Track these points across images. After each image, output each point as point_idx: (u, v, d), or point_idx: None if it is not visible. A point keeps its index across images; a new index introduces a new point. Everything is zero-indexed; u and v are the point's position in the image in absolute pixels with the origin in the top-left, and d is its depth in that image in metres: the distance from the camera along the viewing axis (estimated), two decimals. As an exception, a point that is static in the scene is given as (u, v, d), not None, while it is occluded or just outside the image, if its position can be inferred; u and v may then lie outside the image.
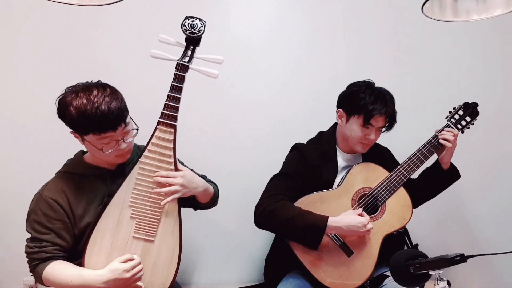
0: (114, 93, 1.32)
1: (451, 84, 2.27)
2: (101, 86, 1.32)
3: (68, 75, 1.45)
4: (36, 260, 1.35)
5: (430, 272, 1.10)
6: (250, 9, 2.13)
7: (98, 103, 1.26)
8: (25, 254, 1.37)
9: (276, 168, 1.76)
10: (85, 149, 1.45)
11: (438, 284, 1.10)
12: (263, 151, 2.13)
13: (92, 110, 1.25)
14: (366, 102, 1.65)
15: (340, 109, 1.74)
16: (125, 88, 1.38)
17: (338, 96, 1.79)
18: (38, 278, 1.35)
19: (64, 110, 1.28)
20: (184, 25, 1.43)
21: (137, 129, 1.40)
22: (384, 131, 1.74)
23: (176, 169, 1.43)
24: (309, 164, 1.72)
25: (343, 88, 1.79)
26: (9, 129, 1.96)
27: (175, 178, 1.40)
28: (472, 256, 1.06)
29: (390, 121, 1.70)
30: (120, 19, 2.01)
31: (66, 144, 1.48)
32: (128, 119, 1.35)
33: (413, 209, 1.71)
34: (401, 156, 1.81)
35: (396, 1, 2.22)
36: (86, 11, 1.95)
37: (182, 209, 1.46)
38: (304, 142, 1.86)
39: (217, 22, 2.04)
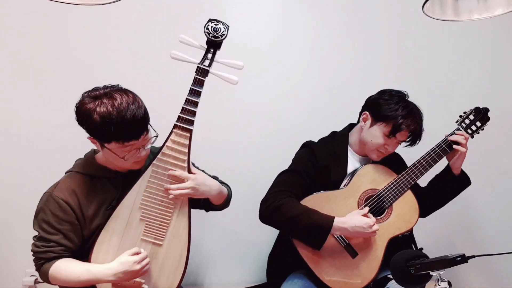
0: (136, 100, 1.29)
1: (457, 86, 2.25)
2: (124, 92, 1.29)
3: (73, 78, 1.45)
4: (43, 259, 1.34)
5: (431, 273, 1.09)
6: (253, 12, 2.13)
7: (123, 112, 1.24)
8: (31, 252, 1.36)
9: (282, 170, 1.75)
10: (95, 147, 1.43)
11: (439, 285, 1.08)
12: (269, 154, 2.13)
13: (117, 119, 1.23)
14: (398, 114, 1.63)
15: (367, 112, 1.72)
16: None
17: (367, 98, 1.77)
18: (44, 276, 1.35)
19: (87, 117, 1.25)
20: (207, 28, 1.40)
21: (157, 136, 1.38)
22: (406, 146, 1.73)
23: (190, 173, 1.42)
24: (319, 163, 1.71)
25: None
26: (11, 129, 1.95)
27: (186, 181, 1.39)
28: (473, 256, 1.04)
29: (414, 137, 1.69)
30: (123, 20, 2.01)
31: (67, 145, 1.47)
32: (148, 126, 1.34)
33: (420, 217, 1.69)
34: (408, 159, 1.80)
35: (402, 3, 2.22)
36: (95, 11, 1.95)
37: (192, 210, 1.46)
38: None
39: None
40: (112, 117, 1.23)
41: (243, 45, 2.11)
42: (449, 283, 1.09)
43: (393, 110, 1.65)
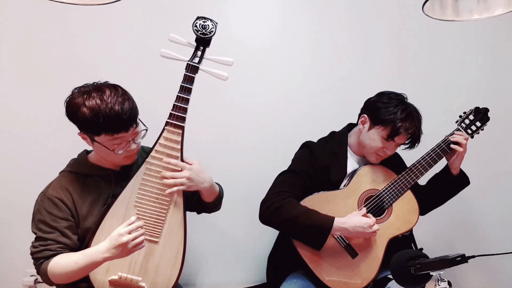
0: (125, 93, 1.32)
1: (457, 86, 2.26)
2: (113, 87, 1.32)
3: (69, 77, 1.45)
4: (41, 259, 1.34)
5: (431, 273, 1.08)
6: (253, 11, 2.13)
7: (112, 103, 1.26)
8: (31, 256, 1.35)
9: (280, 170, 1.75)
10: (89, 148, 1.44)
11: (439, 285, 1.08)
12: (267, 154, 2.13)
13: (106, 110, 1.25)
14: (397, 117, 1.62)
15: (366, 115, 1.71)
16: (128, 89, 1.38)
17: (366, 101, 1.76)
18: (45, 276, 1.33)
19: (76, 110, 1.27)
20: (195, 26, 1.41)
21: (146, 130, 1.40)
22: (405, 149, 1.72)
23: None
24: (318, 163, 1.71)
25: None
26: (12, 128, 1.95)
27: (183, 170, 1.41)
28: (473, 256, 1.04)
29: (413, 140, 1.68)
30: (122, 18, 2.01)
31: (65, 144, 1.47)
32: (137, 120, 1.36)
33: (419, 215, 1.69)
34: (408, 160, 1.80)
35: (402, 3, 2.22)
36: (89, 11, 1.95)
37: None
38: None
39: (218, 23, 2.06)
40: (100, 109, 1.25)
41: (243, 44, 2.11)
42: (449, 283, 1.09)
43: (391, 114, 1.64)
